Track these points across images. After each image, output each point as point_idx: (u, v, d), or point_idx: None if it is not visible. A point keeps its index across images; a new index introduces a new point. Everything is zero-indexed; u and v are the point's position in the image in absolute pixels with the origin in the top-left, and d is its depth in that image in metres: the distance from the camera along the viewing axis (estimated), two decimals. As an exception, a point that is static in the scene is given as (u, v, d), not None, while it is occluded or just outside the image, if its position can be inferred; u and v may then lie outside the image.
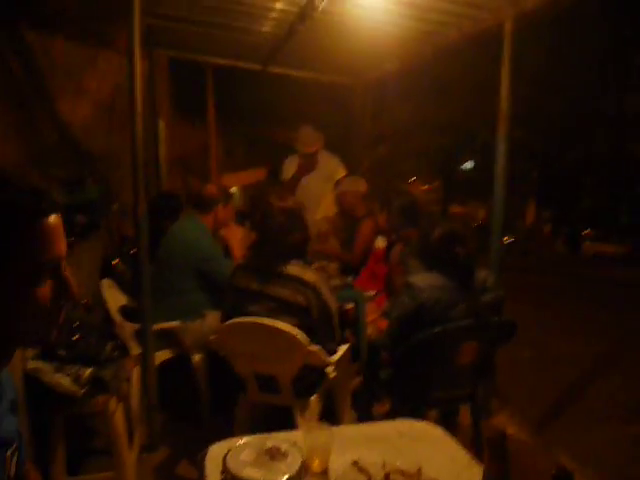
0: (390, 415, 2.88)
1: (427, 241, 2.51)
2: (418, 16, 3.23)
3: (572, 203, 16.30)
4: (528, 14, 2.81)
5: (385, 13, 3.19)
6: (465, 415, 2.92)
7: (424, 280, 2.44)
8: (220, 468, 1.29)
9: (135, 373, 2.84)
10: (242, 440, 1.40)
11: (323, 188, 4.81)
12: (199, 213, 3.32)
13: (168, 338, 3.07)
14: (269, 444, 1.35)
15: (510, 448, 2.57)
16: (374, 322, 3.36)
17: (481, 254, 2.71)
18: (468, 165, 21.24)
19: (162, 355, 3.05)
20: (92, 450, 2.75)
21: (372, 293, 3.79)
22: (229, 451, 1.31)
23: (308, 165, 4.63)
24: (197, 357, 3.04)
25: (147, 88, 5.43)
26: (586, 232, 13.97)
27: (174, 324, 3.04)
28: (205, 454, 1.40)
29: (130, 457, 2.52)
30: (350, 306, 3.34)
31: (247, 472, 1.24)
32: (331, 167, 4.93)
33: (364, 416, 2.89)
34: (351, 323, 3.35)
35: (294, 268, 2.38)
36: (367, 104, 5.72)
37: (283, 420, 2.82)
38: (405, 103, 13.40)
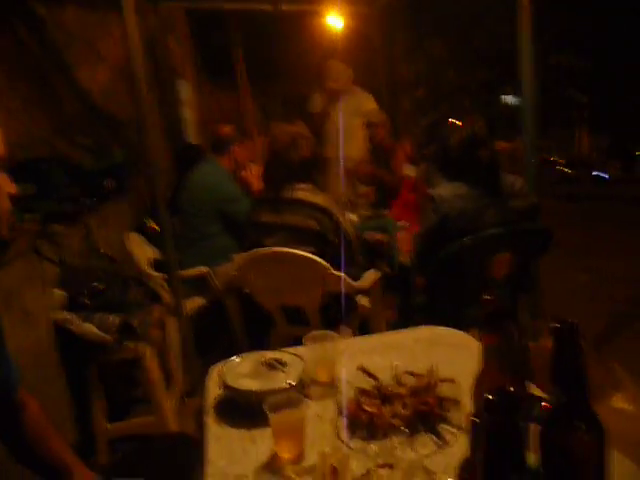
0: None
1: (446, 148, 2.32)
2: None
3: (626, 125, 15.34)
4: None
5: None
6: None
7: (446, 190, 2.27)
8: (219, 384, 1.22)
9: (172, 321, 2.84)
10: (244, 355, 1.32)
11: (353, 123, 4.64)
12: (216, 155, 3.26)
13: (199, 284, 3.05)
14: (269, 356, 1.27)
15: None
16: (408, 252, 3.24)
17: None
18: (512, 99, 20.31)
19: (195, 302, 3.03)
20: (134, 399, 2.78)
21: (406, 224, 3.65)
22: (225, 364, 1.24)
23: (336, 99, 4.52)
24: (229, 300, 3.01)
25: (160, 46, 5.37)
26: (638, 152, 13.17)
27: (202, 269, 3.00)
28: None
29: (168, 402, 2.52)
30: (382, 236, 3.21)
31: (242, 382, 1.16)
32: (361, 101, 4.76)
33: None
34: (384, 253, 3.23)
35: (303, 193, 2.30)
36: (396, 38, 5.46)
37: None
38: (437, 38, 12.78)
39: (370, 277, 2.55)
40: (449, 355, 1.33)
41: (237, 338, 3.05)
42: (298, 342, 2.58)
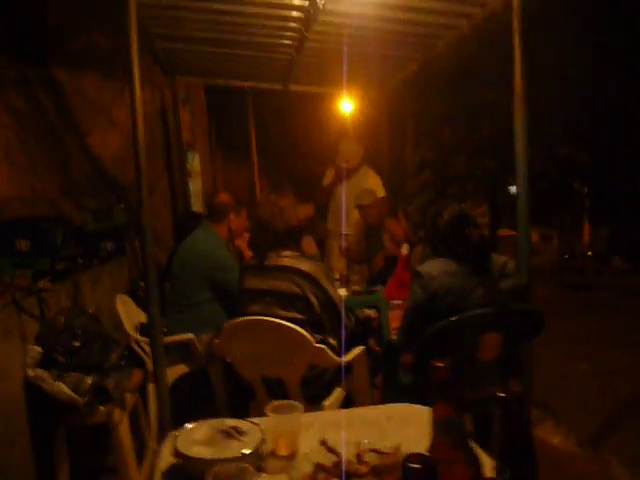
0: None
1: (436, 225, 2.33)
2: (425, 8, 3.13)
3: (628, 217, 15.49)
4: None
5: (392, 9, 3.11)
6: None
7: (434, 267, 2.26)
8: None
9: (152, 388, 2.76)
10: (203, 423, 1.26)
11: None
12: (212, 223, 3.28)
13: (184, 352, 2.98)
14: (228, 424, 1.21)
15: (555, 458, 2.29)
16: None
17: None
18: (513, 189, 20.67)
19: (178, 370, 2.96)
20: (103, 468, 2.65)
21: (399, 302, 3.61)
22: (181, 431, 1.18)
23: (342, 176, 4.71)
24: (212, 369, 2.93)
25: (172, 118, 5.56)
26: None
27: (187, 336, 2.95)
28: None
29: (137, 474, 2.40)
30: (372, 312, 3.17)
31: (195, 450, 1.10)
32: (366, 180, 4.86)
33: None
34: (374, 330, 3.18)
35: (288, 259, 2.31)
36: (408, 128, 5.69)
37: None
38: (443, 127, 13.20)
39: (355, 351, 2.49)
40: (421, 434, 1.26)
41: (219, 409, 2.94)
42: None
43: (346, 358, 2.41)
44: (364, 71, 4.46)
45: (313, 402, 2.32)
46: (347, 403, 2.52)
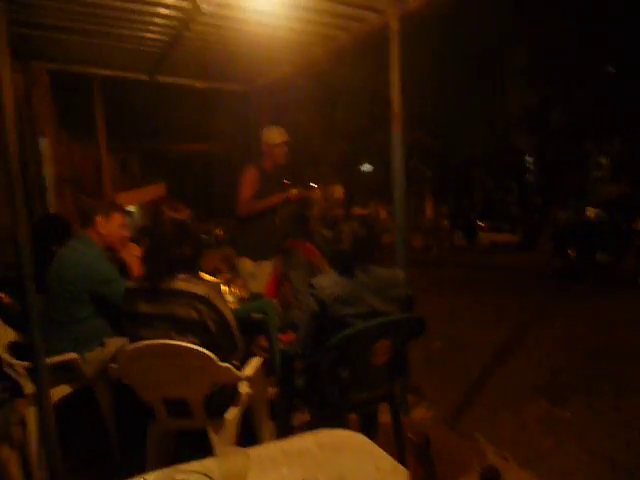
0: (311, 424, 2.80)
1: (335, 245, 2.49)
2: (306, 18, 3.21)
3: (465, 197, 17.19)
4: (412, 13, 2.86)
5: (272, 16, 3.14)
6: (384, 413, 2.91)
7: (325, 279, 2.44)
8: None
9: (31, 414, 2.58)
10: (146, 476, 1.26)
11: None
12: (84, 229, 3.07)
13: (66, 372, 2.81)
14: (177, 477, 1.23)
15: (432, 441, 2.57)
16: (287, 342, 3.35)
17: (386, 252, 2.72)
18: (367, 168, 21.84)
19: (60, 391, 2.78)
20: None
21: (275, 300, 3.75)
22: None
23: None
24: (100, 389, 2.81)
25: (25, 104, 5.06)
26: (480, 224, 14.75)
27: (71, 356, 2.78)
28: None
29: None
30: (260, 316, 3.25)
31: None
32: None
33: (284, 428, 2.81)
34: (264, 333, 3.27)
35: (182, 283, 2.24)
36: (263, 111, 5.66)
37: (197, 444, 2.69)
38: (301, 110, 13.50)
39: (253, 364, 2.56)
40: (354, 463, 1.38)
41: (108, 430, 2.84)
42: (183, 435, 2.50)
43: (248, 372, 2.47)
44: (237, 67, 4.45)
45: (214, 416, 2.36)
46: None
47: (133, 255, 3.09)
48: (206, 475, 1.24)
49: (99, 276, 2.90)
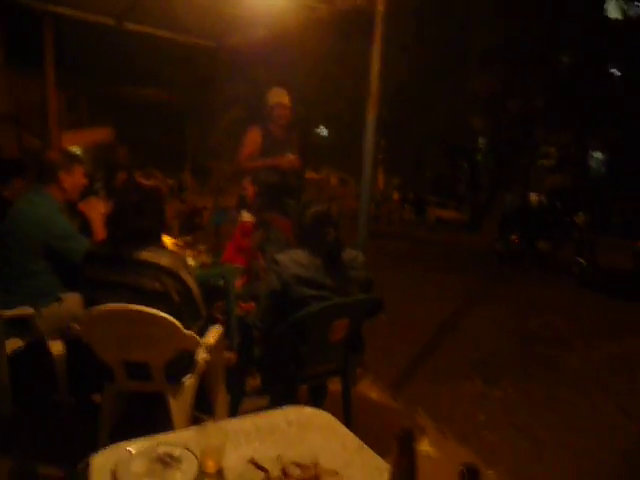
0: (262, 391, 2.90)
1: (301, 217, 2.54)
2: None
3: (417, 172, 17.49)
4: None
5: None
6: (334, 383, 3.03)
7: (290, 257, 2.49)
8: (108, 482, 1.20)
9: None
10: (129, 448, 1.31)
11: None
12: (43, 184, 2.94)
13: (19, 326, 2.76)
14: (160, 450, 1.28)
15: (374, 412, 2.72)
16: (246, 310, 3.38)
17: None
18: (323, 132, 21.75)
19: (13, 344, 2.74)
20: None
21: (240, 266, 3.77)
22: (117, 465, 1.22)
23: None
24: (55, 345, 2.78)
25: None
26: (430, 199, 15.10)
27: (26, 310, 2.73)
28: (86, 465, 1.29)
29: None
30: (221, 282, 3.29)
31: (141, 485, 1.17)
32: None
33: (237, 393, 2.89)
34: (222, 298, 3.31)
35: (147, 253, 2.24)
36: (229, 67, 5.56)
37: (151, 405, 2.74)
38: (264, 68, 13.25)
39: (214, 333, 2.61)
40: (322, 441, 1.47)
41: (59, 387, 2.83)
42: (134, 396, 2.53)
43: (209, 340, 2.52)
44: (210, 23, 4.34)
45: (172, 380, 2.41)
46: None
47: (98, 212, 3.02)
48: (187, 449, 1.30)
49: (57, 230, 2.83)
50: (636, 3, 15.08)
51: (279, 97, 4.10)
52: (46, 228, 2.83)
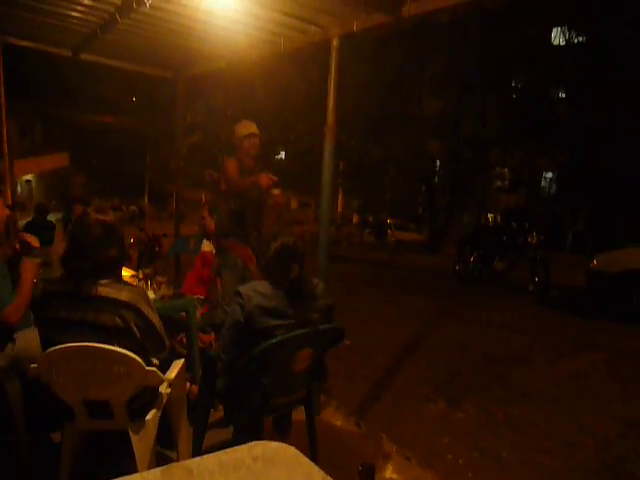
0: (226, 423, 2.87)
1: (268, 248, 2.57)
2: (247, 22, 3.23)
3: (376, 195, 17.74)
4: (353, 34, 2.98)
5: (214, 16, 3.13)
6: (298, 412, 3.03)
7: (252, 288, 2.50)
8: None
9: None
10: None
11: None
12: None
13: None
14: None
15: (339, 440, 2.73)
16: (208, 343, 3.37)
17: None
18: (281, 155, 21.93)
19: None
20: None
21: (201, 297, 3.76)
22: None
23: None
24: (11, 385, 2.70)
25: None
26: (389, 221, 15.32)
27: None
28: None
29: None
30: (183, 315, 3.26)
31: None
32: None
33: (200, 426, 2.85)
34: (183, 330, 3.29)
35: (106, 289, 2.21)
36: (188, 96, 5.59)
37: (113, 442, 2.68)
38: (222, 96, 13.35)
39: (176, 367, 2.59)
40: (287, 475, 1.48)
41: (16, 426, 2.75)
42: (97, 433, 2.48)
43: (171, 375, 2.50)
44: (168, 55, 4.37)
45: (134, 417, 2.37)
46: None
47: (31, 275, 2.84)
48: (150, 491, 1.29)
49: None
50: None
51: (249, 128, 4.12)
52: None
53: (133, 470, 1.54)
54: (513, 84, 16.35)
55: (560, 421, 3.92)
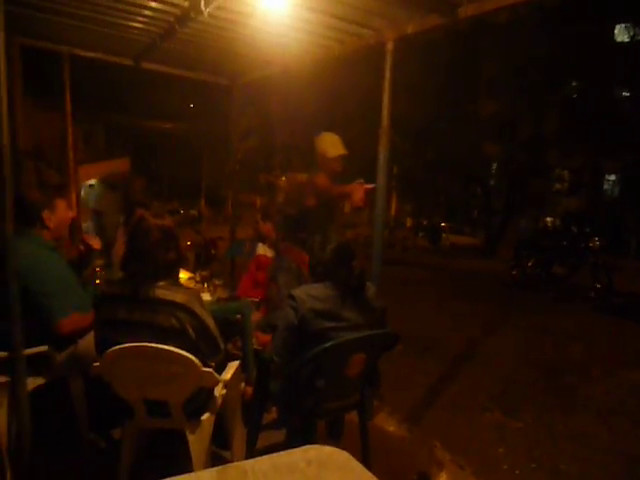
0: (280, 425, 2.90)
1: (321, 255, 2.58)
2: (302, 28, 3.26)
3: (430, 198, 17.51)
4: (408, 37, 2.96)
5: (270, 24, 3.18)
6: (351, 417, 3.03)
7: (306, 292, 2.52)
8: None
9: (2, 406, 2.57)
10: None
11: None
12: (28, 227, 2.77)
13: (37, 364, 2.79)
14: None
15: (392, 446, 2.70)
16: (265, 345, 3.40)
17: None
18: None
19: (32, 383, 2.77)
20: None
21: (256, 300, 3.81)
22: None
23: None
24: (75, 383, 2.82)
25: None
26: (444, 225, 15.08)
27: (43, 349, 2.77)
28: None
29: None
30: (238, 317, 3.31)
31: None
32: None
33: (254, 428, 2.89)
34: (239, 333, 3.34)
35: (163, 291, 2.28)
36: (243, 102, 5.70)
37: (170, 442, 2.76)
38: (276, 101, 13.54)
39: (232, 368, 2.64)
40: (341, 477, 1.48)
41: (79, 424, 2.86)
42: (155, 433, 2.56)
43: (226, 376, 2.54)
44: (225, 62, 4.46)
45: (190, 416, 2.43)
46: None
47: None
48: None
49: (41, 288, 2.65)
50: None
51: (338, 149, 3.94)
52: (31, 284, 2.62)
53: (189, 470, 1.57)
54: (574, 84, 15.79)
55: (621, 435, 3.75)
